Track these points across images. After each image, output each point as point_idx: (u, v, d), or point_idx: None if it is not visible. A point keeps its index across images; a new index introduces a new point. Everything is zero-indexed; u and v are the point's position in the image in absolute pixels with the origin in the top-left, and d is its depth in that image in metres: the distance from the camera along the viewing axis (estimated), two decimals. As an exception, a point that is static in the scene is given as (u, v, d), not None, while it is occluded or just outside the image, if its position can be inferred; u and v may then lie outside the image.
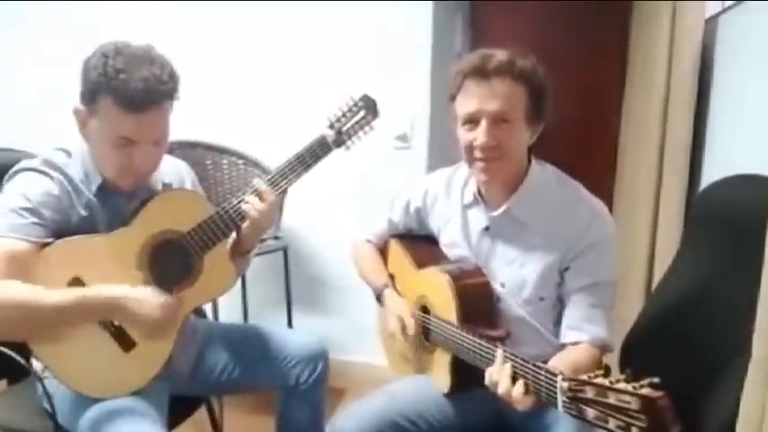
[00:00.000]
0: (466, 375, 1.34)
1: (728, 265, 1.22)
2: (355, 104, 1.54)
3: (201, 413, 1.79)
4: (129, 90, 1.25)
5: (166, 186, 1.51)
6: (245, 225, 1.45)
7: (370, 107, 1.55)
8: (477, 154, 1.34)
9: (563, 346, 1.35)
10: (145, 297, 1.30)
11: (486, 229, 1.46)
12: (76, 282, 1.32)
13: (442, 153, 2.59)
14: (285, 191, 1.50)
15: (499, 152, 1.33)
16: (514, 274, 1.40)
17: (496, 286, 1.43)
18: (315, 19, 2.67)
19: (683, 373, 1.19)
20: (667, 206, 2.15)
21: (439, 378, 1.46)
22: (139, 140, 1.32)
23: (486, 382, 1.16)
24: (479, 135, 1.32)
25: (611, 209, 1.53)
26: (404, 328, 1.49)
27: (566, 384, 0.91)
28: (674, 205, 2.11)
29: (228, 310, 2.37)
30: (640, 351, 1.42)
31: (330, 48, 2.68)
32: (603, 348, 1.34)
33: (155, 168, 1.42)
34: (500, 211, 1.41)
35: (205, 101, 2.70)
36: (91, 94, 1.29)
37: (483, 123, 1.31)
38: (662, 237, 2.17)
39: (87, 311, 1.29)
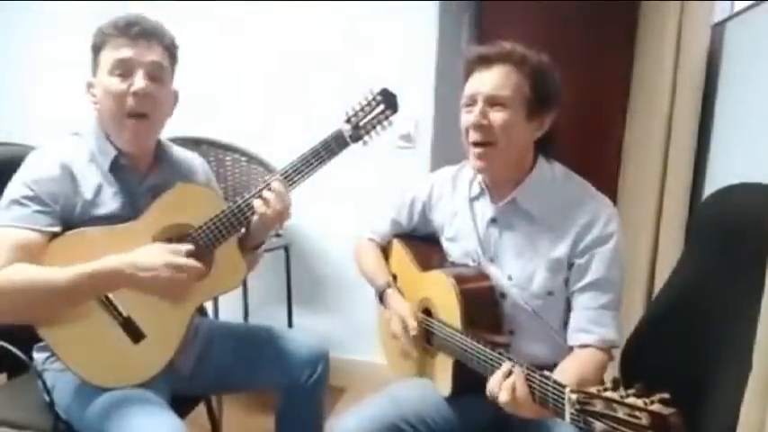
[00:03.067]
0: (467, 379, 1.34)
1: (730, 273, 1.22)
2: (374, 98, 1.50)
3: (200, 411, 1.79)
4: (121, 20, 1.37)
5: (180, 179, 1.52)
6: (255, 220, 1.45)
7: (389, 101, 1.50)
8: (471, 135, 1.36)
9: (570, 349, 1.35)
10: (152, 262, 1.28)
11: (493, 220, 1.45)
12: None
13: (445, 153, 2.57)
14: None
15: (492, 135, 1.34)
16: (522, 266, 1.40)
17: (503, 280, 1.42)
18: (319, 18, 2.67)
19: (683, 380, 1.19)
20: (670, 213, 2.14)
21: (440, 381, 1.45)
22: (135, 65, 1.36)
23: (488, 393, 1.15)
24: (472, 115, 1.34)
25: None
26: (406, 329, 1.48)
27: (574, 396, 0.91)
28: (677, 212, 2.10)
29: (229, 308, 2.36)
30: (640, 359, 1.42)
31: (335, 47, 2.67)
32: (611, 348, 1.35)
33: (153, 112, 1.41)
34: (506, 201, 1.42)
35: (209, 98, 2.69)
36: (96, 50, 1.40)
37: (478, 104, 1.34)
38: (664, 243, 2.16)
39: (99, 284, 1.29)
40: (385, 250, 1.75)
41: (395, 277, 1.67)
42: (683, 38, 2.12)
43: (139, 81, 1.36)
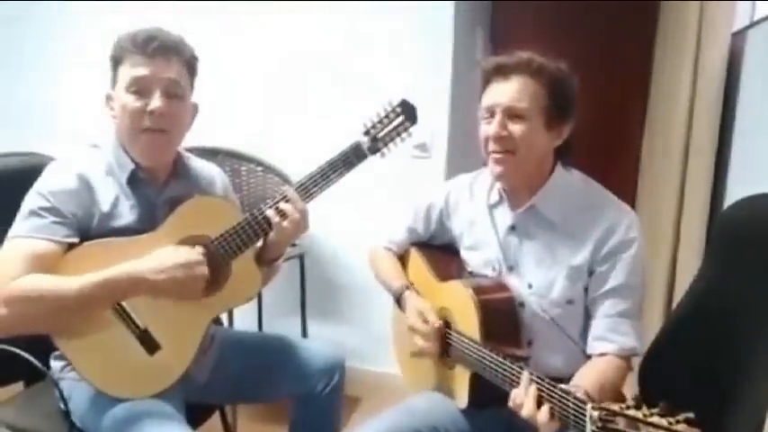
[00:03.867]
0: (485, 392, 1.32)
1: (751, 284, 1.20)
2: (393, 110, 1.49)
3: (215, 421, 1.79)
4: (140, 35, 1.36)
5: (197, 191, 1.51)
6: (272, 233, 1.44)
7: (408, 113, 1.49)
8: (491, 146, 1.36)
9: (589, 358, 1.34)
10: (164, 264, 1.29)
11: (513, 228, 1.45)
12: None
13: (461, 163, 2.57)
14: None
15: (511, 145, 1.34)
16: (543, 274, 1.39)
17: (523, 288, 1.41)
18: (336, 28, 2.67)
19: (703, 393, 1.17)
20: (690, 222, 2.12)
21: (457, 393, 1.44)
22: (152, 83, 1.35)
23: (511, 404, 1.14)
24: (492, 126, 1.34)
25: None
26: (425, 321, 1.46)
27: (596, 414, 0.89)
28: (696, 221, 2.09)
29: (243, 317, 2.36)
30: (660, 369, 1.40)
31: (350, 57, 2.68)
32: (631, 356, 1.34)
33: (172, 128, 1.40)
34: (525, 207, 1.41)
35: (226, 108, 2.70)
36: (114, 63, 1.39)
37: (497, 115, 1.34)
38: (683, 252, 2.14)
39: (112, 291, 1.29)
40: (402, 259, 1.73)
41: (412, 285, 1.66)
42: (702, 45, 2.11)
43: (156, 101, 1.35)
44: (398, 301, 1.60)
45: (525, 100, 1.32)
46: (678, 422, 0.78)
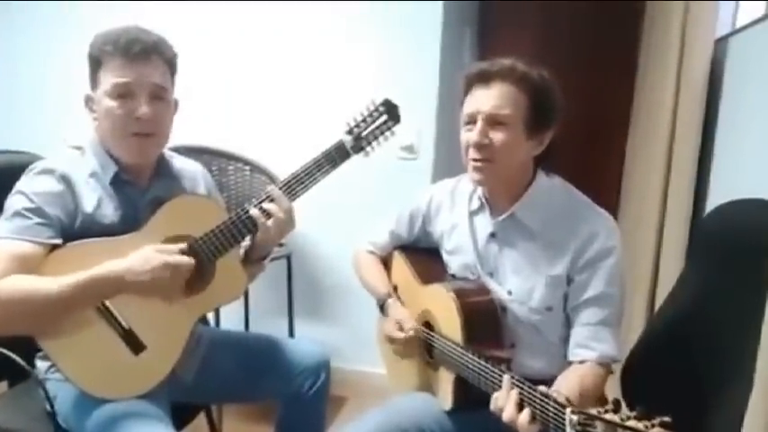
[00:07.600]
0: (469, 394, 1.33)
1: (731, 289, 1.22)
2: (376, 109, 1.50)
3: (201, 420, 1.79)
4: (121, 38, 1.34)
5: (181, 190, 1.52)
6: (258, 233, 1.44)
7: (391, 112, 1.50)
8: (471, 153, 1.36)
9: (569, 364, 1.35)
10: (147, 264, 1.29)
11: (493, 235, 1.45)
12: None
13: (448, 165, 2.58)
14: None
15: (491, 153, 1.34)
16: (522, 282, 1.40)
17: (503, 294, 1.42)
18: (324, 28, 2.68)
19: (684, 396, 1.18)
20: (672, 227, 2.15)
21: (442, 395, 1.45)
22: (136, 89, 1.34)
23: (492, 407, 1.15)
24: (473, 134, 1.34)
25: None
26: (401, 329, 1.49)
27: (575, 418, 0.90)
28: (678, 226, 2.11)
29: (230, 317, 2.36)
30: (641, 374, 1.42)
31: (338, 57, 2.68)
32: (611, 363, 1.35)
33: (159, 131, 1.41)
34: (505, 215, 1.42)
35: (213, 107, 2.70)
36: (94, 65, 1.37)
37: (478, 123, 1.33)
38: (666, 258, 2.17)
39: (94, 291, 1.28)
40: (386, 262, 1.74)
41: (395, 288, 1.67)
42: (685, 52, 2.14)
43: (143, 107, 1.34)
44: (381, 308, 1.62)
45: (507, 107, 1.32)
46: (654, 426, 0.80)
